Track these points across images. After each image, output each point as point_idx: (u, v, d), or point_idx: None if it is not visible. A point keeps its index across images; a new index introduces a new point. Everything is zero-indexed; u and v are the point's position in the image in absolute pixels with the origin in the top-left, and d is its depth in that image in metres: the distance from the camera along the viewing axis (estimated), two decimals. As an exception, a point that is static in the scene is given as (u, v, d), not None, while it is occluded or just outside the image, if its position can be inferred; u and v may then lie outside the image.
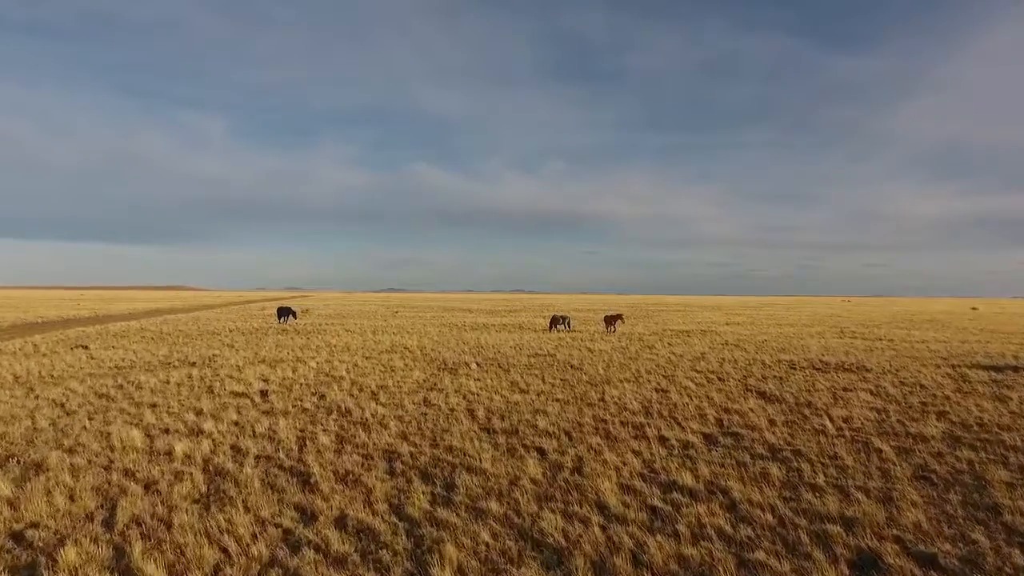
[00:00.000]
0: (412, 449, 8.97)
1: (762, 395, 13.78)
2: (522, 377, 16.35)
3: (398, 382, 15.27)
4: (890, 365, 19.24)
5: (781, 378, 16.43)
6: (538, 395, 13.70)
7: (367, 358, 20.78)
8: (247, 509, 6.61)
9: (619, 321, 35.49)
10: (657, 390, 14.39)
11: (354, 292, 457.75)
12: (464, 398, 13.21)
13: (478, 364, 19.19)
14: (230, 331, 31.58)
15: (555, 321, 35.42)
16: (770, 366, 19.14)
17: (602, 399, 13.22)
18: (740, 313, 65.09)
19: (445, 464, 8.29)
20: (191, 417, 11.08)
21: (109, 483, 7.43)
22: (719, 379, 16.21)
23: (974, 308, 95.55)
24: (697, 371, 17.77)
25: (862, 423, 10.85)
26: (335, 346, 24.57)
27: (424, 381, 15.55)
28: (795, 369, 18.47)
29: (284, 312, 38.21)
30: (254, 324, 36.99)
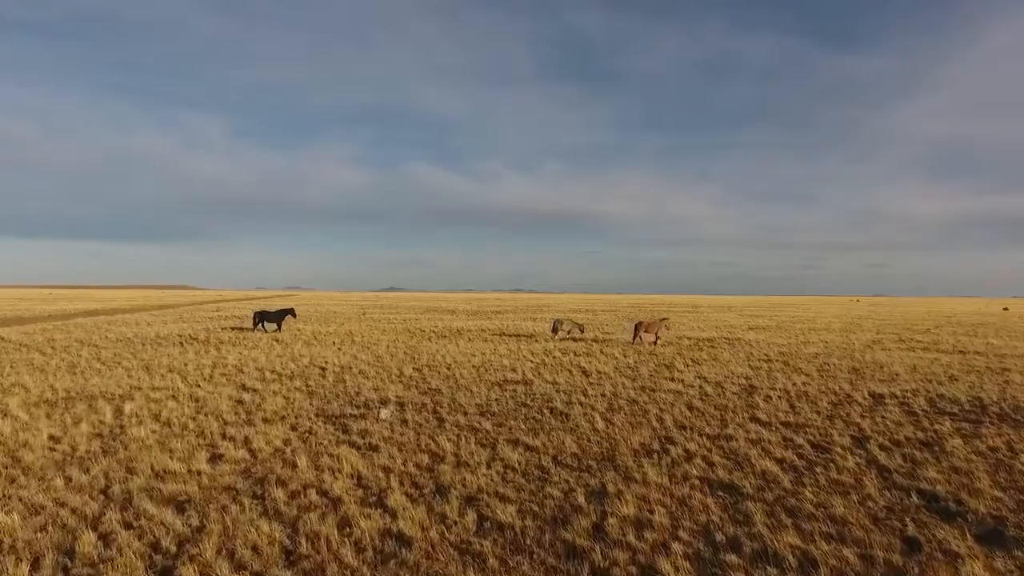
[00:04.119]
0: None
1: (945, 510, 6.42)
2: (458, 443, 9.04)
3: (206, 466, 7.92)
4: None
5: (925, 444, 9.09)
6: (466, 505, 6.39)
7: (244, 389, 13.52)
8: None
9: (662, 328, 25.57)
10: (712, 485, 7.07)
11: (352, 292, 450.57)
12: (287, 542, 5.87)
13: (400, 406, 11.89)
14: (118, 340, 24.22)
15: (556, 326, 27.93)
16: (872, 408, 11.83)
17: (599, 527, 5.91)
18: (757, 315, 57.66)
19: None
20: None
21: None
22: (815, 446, 8.89)
23: (1005, 308, 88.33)
24: (764, 423, 10.46)
25: None
26: (226, 366, 17.28)
27: (266, 458, 8.21)
28: (916, 416, 11.16)
29: (264, 317, 29.35)
30: (167, 330, 29.62)
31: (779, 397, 13.08)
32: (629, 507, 6.32)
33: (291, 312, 30.04)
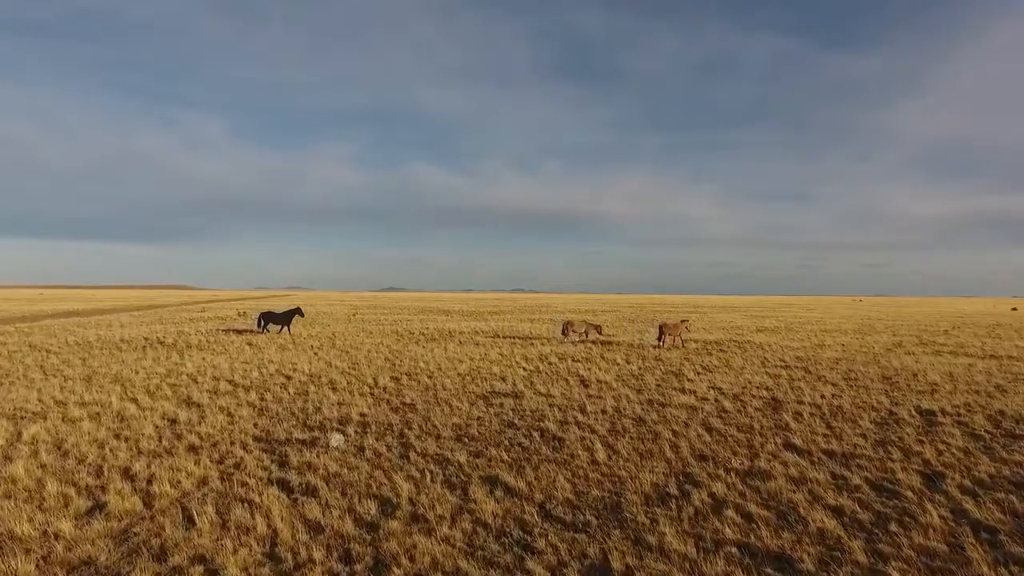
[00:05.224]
0: None
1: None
2: (420, 483, 7.08)
3: (71, 525, 5.96)
4: None
5: (1018, 485, 7.14)
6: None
7: (187, 405, 11.57)
8: None
9: (683, 328, 24.11)
10: (755, 557, 5.11)
11: (351, 292, 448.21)
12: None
13: (363, 427, 9.93)
14: (76, 344, 22.22)
15: (567, 328, 25.80)
16: (926, 430, 9.87)
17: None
18: (762, 315, 55.67)
19: None
20: None
21: None
22: (876, 488, 6.91)
23: (1013, 309, 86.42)
24: (801, 452, 8.50)
25: None
26: (180, 374, 15.34)
27: (163, 508, 6.23)
28: (984, 441, 9.21)
29: (269, 319, 27.93)
30: (136, 333, 27.62)
31: (811, 414, 11.13)
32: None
33: (298, 312, 28.91)
